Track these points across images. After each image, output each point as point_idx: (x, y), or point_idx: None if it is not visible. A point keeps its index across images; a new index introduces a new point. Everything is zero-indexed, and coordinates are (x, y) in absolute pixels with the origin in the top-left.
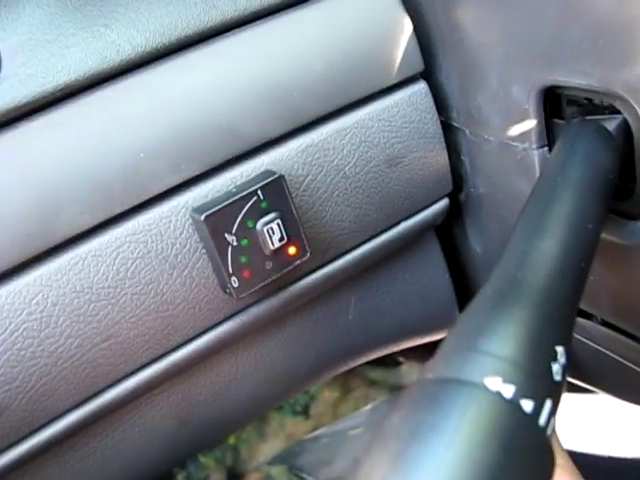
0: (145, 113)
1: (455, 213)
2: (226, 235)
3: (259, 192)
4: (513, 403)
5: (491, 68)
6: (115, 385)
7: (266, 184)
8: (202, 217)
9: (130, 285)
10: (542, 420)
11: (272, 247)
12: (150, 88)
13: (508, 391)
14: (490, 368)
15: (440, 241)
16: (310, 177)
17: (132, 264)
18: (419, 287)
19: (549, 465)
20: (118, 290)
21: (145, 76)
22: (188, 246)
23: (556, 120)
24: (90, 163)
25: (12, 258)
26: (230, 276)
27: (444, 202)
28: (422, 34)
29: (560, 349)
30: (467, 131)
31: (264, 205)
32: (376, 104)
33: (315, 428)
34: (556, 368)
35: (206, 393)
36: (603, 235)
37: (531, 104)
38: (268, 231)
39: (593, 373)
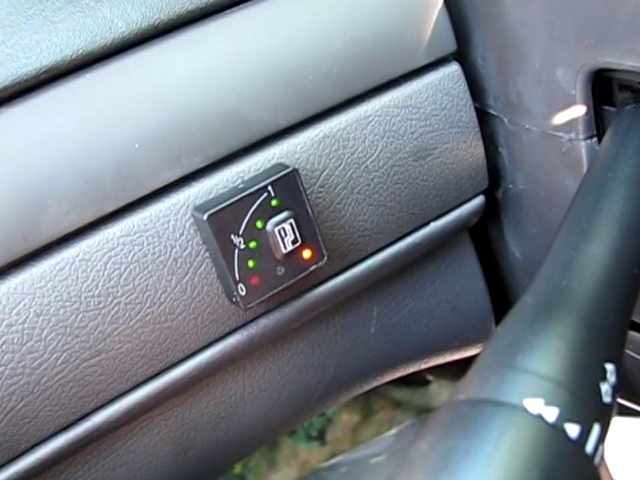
0: (141, 98)
1: (492, 212)
2: (232, 237)
3: (269, 188)
4: (557, 428)
5: (533, 48)
6: (106, 406)
7: (277, 179)
8: (205, 216)
9: (123, 293)
10: (589, 447)
11: (284, 250)
12: (146, 70)
13: (551, 414)
14: (531, 388)
15: (474, 244)
16: (327, 171)
17: (126, 269)
18: (450, 296)
19: None
20: (110, 299)
21: (141, 57)
22: (189, 249)
23: (606, 107)
24: (78, 155)
25: None
26: (237, 283)
27: (479, 200)
28: (455, 9)
29: (610, 367)
30: (505, 119)
31: (275, 203)
32: (402, 88)
33: (332, 455)
34: (605, 388)
35: (209, 415)
36: None
37: (578, 89)
38: (280, 232)
39: None
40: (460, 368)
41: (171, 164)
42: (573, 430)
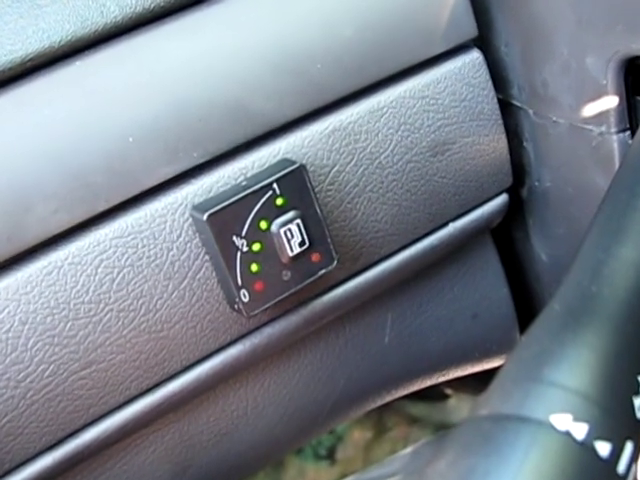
0: (135, 88)
1: (516, 212)
2: (234, 238)
3: (275, 186)
4: (586, 445)
5: (561, 34)
6: (98, 422)
7: (283, 176)
8: (205, 216)
9: (116, 299)
10: (621, 467)
11: (290, 253)
12: (141, 58)
13: (580, 431)
14: (558, 403)
15: (497, 246)
16: (337, 167)
17: (119, 273)
18: (471, 303)
19: None
20: (101, 306)
21: (135, 43)
22: (188, 252)
23: None
24: (67, 149)
25: None
26: (239, 289)
27: (502, 199)
28: None
29: None
30: (531, 111)
31: (281, 202)
32: (419, 78)
33: (342, 476)
34: (639, 403)
35: (209, 432)
36: None
37: (609, 78)
38: (286, 233)
39: None
40: (481, 381)
41: (168, 159)
42: (604, 448)
